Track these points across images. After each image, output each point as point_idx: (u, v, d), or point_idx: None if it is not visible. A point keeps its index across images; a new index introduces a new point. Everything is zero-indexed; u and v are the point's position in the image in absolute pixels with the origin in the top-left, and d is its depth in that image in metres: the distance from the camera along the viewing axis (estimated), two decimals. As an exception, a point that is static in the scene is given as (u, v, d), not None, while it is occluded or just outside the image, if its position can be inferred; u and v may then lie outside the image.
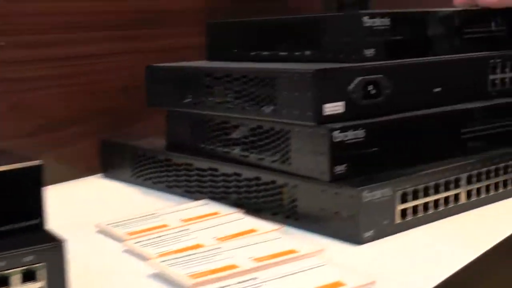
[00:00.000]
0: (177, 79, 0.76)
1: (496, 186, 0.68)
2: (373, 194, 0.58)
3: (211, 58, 0.81)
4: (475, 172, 0.66)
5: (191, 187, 0.74)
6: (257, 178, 0.66)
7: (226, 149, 0.71)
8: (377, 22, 0.64)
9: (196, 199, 0.73)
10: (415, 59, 0.67)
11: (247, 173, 0.67)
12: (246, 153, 0.68)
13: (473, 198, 0.66)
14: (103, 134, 0.89)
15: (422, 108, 0.66)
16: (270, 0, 1.10)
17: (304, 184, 0.62)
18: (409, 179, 0.61)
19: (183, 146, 0.77)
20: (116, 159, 0.85)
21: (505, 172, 0.69)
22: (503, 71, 0.73)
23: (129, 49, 0.92)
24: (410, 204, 0.61)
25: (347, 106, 0.61)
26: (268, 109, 0.64)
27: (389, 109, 0.64)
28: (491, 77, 0.72)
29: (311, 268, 0.52)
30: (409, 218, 0.61)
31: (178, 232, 0.61)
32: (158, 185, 0.79)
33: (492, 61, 0.72)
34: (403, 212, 0.61)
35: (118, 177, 0.85)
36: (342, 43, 0.65)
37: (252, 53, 0.75)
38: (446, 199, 0.64)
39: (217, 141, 0.72)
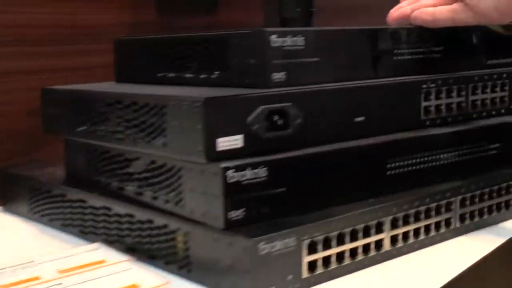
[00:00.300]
0: (72, 104, 0.67)
1: (427, 230, 0.60)
2: (272, 245, 0.49)
3: (119, 79, 0.73)
4: (401, 214, 0.57)
5: (86, 227, 0.65)
6: (150, 221, 0.57)
7: (121, 185, 0.62)
8: (288, 41, 0.56)
9: (92, 241, 0.64)
10: (333, 84, 0.58)
11: (140, 214, 0.58)
12: (141, 191, 0.59)
13: (399, 245, 0.57)
14: (6, 161, 0.80)
15: (340, 140, 0.57)
16: (203, 14, 1.02)
17: (197, 231, 0.53)
18: (318, 225, 0.52)
19: (80, 180, 0.68)
20: (14, 191, 0.76)
21: (437, 213, 0.60)
22: (438, 97, 0.64)
23: (36, 68, 0.83)
24: (320, 255, 0.52)
25: (246, 140, 0.52)
26: (159, 141, 0.55)
27: (300, 142, 0.55)
28: (425, 104, 0.63)
29: None
30: (319, 272, 0.52)
31: None
32: (55, 222, 0.70)
33: (425, 86, 0.63)
34: (312, 265, 0.52)
35: (16, 211, 0.76)
36: (248, 66, 0.56)
37: (159, 75, 0.66)
38: (366, 247, 0.55)
39: (112, 175, 0.63)
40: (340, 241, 0.53)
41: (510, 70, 0.70)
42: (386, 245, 0.56)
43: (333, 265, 0.53)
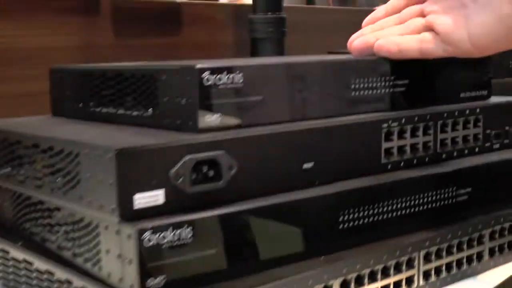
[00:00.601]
0: (-5, 142, 0.60)
1: (385, 291, 0.53)
2: (194, 321, 0.42)
3: (55, 113, 0.66)
4: (353, 275, 0.50)
5: (9, 280, 0.58)
6: (69, 282, 0.50)
7: (44, 237, 0.55)
8: (224, 79, 0.49)
9: (16, 296, 0.57)
10: (277, 126, 0.51)
11: (60, 273, 0.51)
12: (62, 245, 0.53)
13: (351, 310, 0.51)
14: None
15: (285, 191, 0.50)
16: (165, 34, 0.95)
17: (114, 299, 0.46)
18: (252, 294, 0.45)
19: (7, 227, 0.61)
20: None
21: (397, 271, 0.53)
22: (401, 137, 0.57)
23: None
24: (254, 328, 0.45)
25: (169, 195, 0.45)
26: (75, 193, 0.48)
27: (234, 196, 0.48)
28: (385, 145, 0.57)
29: None
30: None
31: None
32: (-20, 272, 0.63)
33: (386, 125, 0.56)
34: None
35: None
36: (178, 106, 0.49)
37: (93, 110, 0.59)
38: (311, 315, 0.48)
39: (35, 225, 0.56)
40: (279, 310, 0.47)
41: (484, 104, 0.63)
42: (336, 312, 0.50)
43: (271, 338, 0.46)
